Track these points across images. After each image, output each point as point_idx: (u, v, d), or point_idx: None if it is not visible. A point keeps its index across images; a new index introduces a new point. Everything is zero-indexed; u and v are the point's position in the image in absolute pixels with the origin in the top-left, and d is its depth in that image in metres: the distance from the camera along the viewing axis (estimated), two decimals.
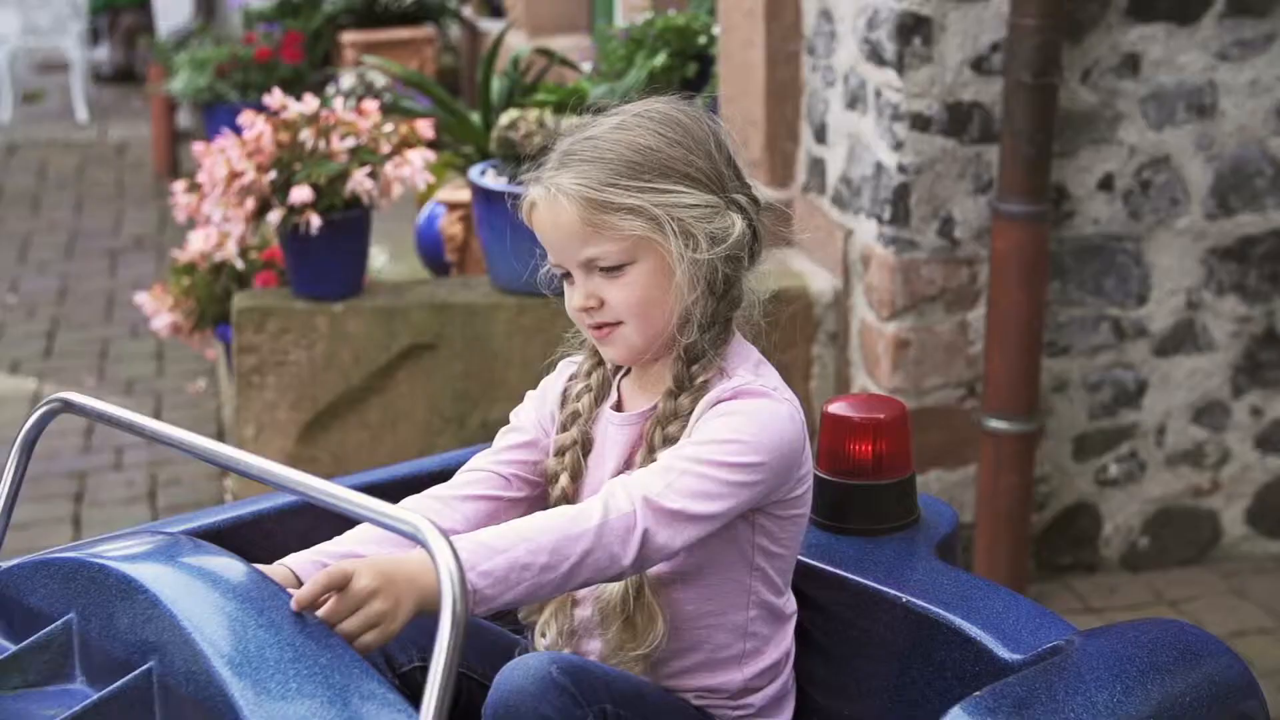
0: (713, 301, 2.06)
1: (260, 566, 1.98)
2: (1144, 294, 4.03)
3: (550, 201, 2.04)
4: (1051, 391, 4.03)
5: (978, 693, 1.88)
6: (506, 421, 2.25)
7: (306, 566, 2.06)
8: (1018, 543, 3.92)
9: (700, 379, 2.06)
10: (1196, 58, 3.92)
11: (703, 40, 4.82)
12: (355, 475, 2.52)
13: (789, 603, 2.20)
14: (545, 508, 2.07)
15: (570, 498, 2.13)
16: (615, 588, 2.08)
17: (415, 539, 1.64)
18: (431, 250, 4.77)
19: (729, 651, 2.13)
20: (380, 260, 4.77)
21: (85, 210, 8.28)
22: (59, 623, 1.90)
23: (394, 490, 2.36)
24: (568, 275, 2.08)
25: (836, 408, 2.43)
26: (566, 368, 2.24)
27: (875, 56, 3.91)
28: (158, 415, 5.58)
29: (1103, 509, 4.14)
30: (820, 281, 4.26)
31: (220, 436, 5.36)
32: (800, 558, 2.29)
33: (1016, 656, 2.05)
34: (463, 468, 2.21)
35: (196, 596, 1.80)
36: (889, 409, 2.42)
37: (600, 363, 2.17)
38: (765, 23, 4.36)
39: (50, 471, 5.10)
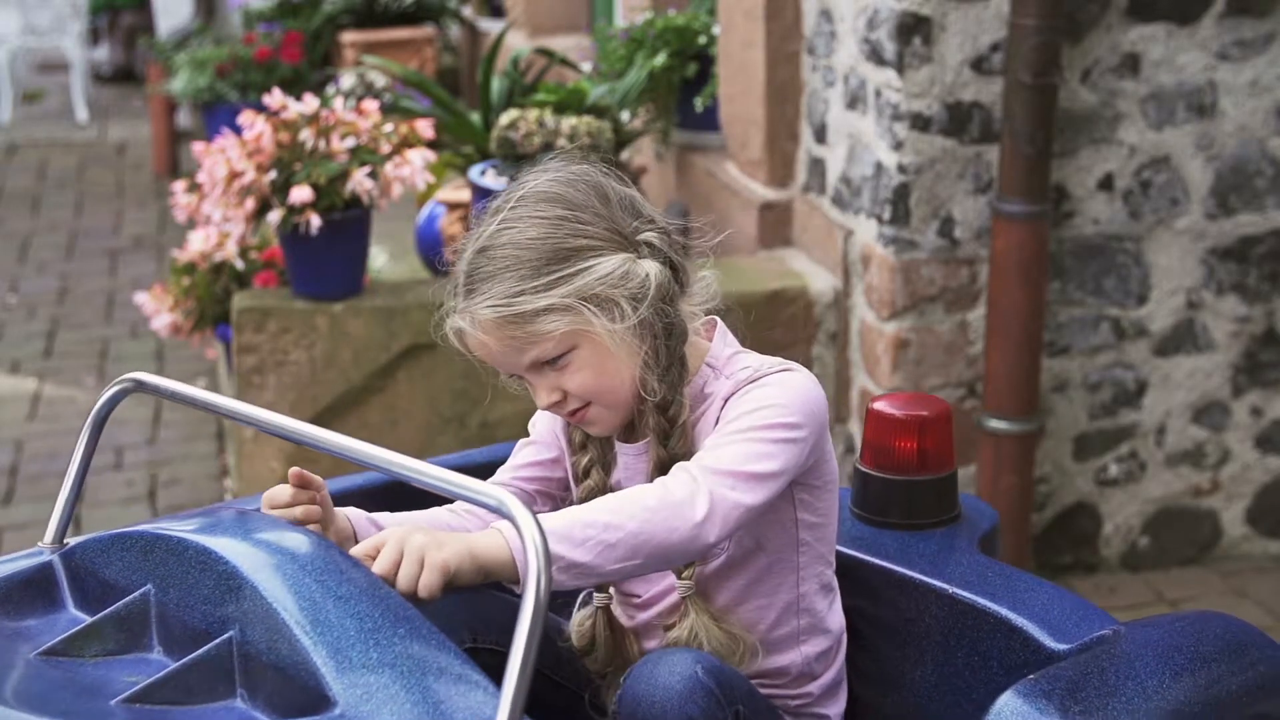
0: (661, 347, 2.05)
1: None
2: (1144, 294, 4.03)
3: (474, 328, 2.04)
4: (1051, 391, 4.03)
5: (1031, 676, 1.90)
6: (506, 422, 2.26)
7: (363, 521, 2.12)
8: (1018, 543, 3.92)
9: (681, 419, 2.07)
10: (1196, 58, 3.92)
11: (703, 40, 4.82)
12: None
13: (835, 582, 2.22)
14: None
15: None
16: (683, 629, 2.09)
17: (500, 512, 1.67)
18: (431, 250, 4.77)
19: (784, 629, 2.15)
20: (380, 260, 4.77)
21: (85, 210, 8.28)
22: (137, 594, 1.93)
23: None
24: (522, 379, 2.10)
25: (882, 404, 2.47)
26: None
27: (875, 56, 3.91)
28: (158, 415, 5.58)
29: (1103, 509, 4.14)
30: (820, 281, 4.26)
31: (220, 437, 5.36)
32: (844, 549, 2.32)
33: (1063, 646, 2.07)
34: (487, 481, 2.22)
35: (275, 569, 1.83)
36: (933, 406, 2.45)
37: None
38: (765, 23, 4.36)
39: (50, 471, 5.10)
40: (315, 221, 3.93)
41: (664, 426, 2.07)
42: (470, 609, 2.04)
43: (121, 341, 6.36)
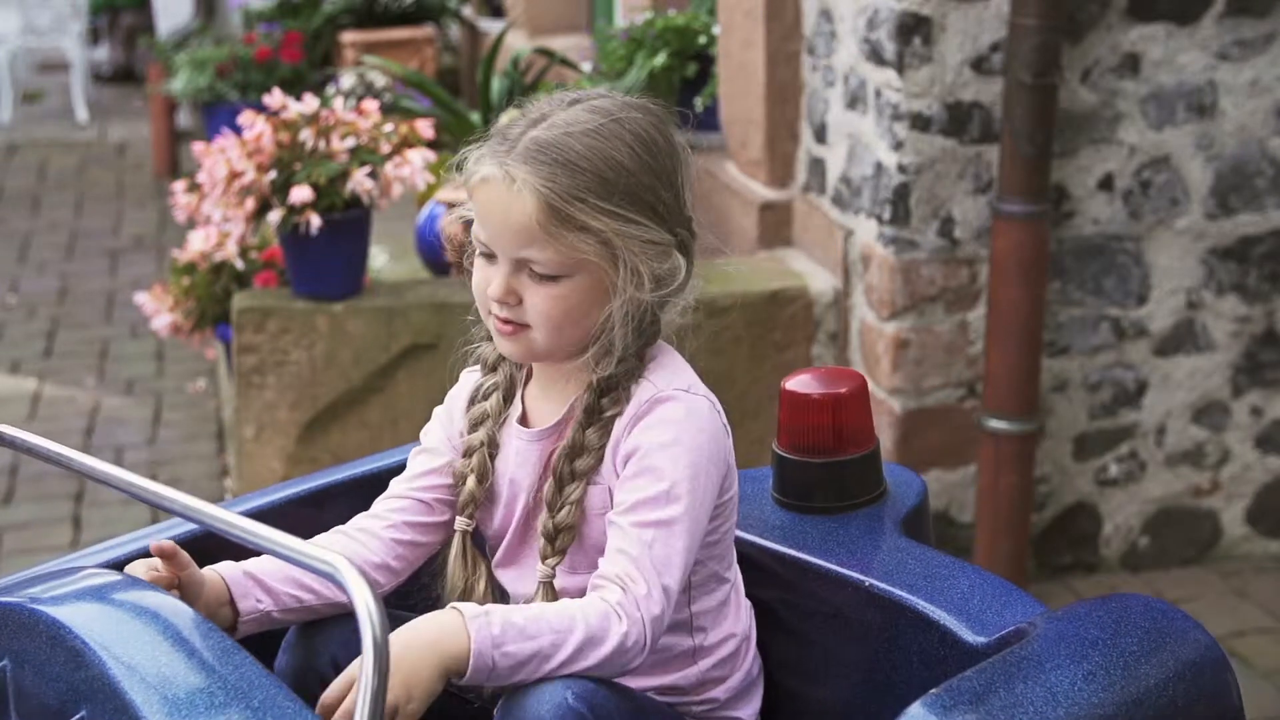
0: (636, 337, 1.98)
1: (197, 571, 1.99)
2: (1144, 294, 4.03)
3: (508, 189, 1.92)
4: (1051, 391, 4.03)
5: (934, 690, 1.82)
6: None
7: (237, 575, 2.03)
8: (1018, 543, 3.92)
9: (609, 412, 1.99)
10: (1196, 58, 3.92)
11: (703, 40, 4.82)
12: (310, 477, 2.47)
13: (736, 587, 2.14)
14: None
15: (478, 501, 2.10)
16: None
17: (333, 579, 1.61)
18: (431, 250, 4.77)
19: (679, 649, 2.07)
20: (380, 260, 4.77)
21: (85, 210, 8.29)
22: None
23: (337, 493, 2.38)
24: (490, 254, 1.98)
25: (795, 384, 2.35)
26: (469, 378, 2.18)
27: (875, 56, 3.91)
28: (158, 415, 5.58)
29: (1103, 509, 4.14)
30: (820, 281, 4.26)
31: (220, 437, 5.36)
32: (764, 541, 2.25)
33: (981, 639, 2.02)
34: (382, 495, 2.17)
35: (127, 641, 1.77)
36: (849, 382, 2.35)
37: (504, 356, 2.08)
38: (765, 23, 4.36)
39: (50, 471, 5.10)
40: (315, 221, 3.93)
41: (594, 410, 1.99)
42: (354, 630, 1.98)
43: (121, 341, 6.36)
